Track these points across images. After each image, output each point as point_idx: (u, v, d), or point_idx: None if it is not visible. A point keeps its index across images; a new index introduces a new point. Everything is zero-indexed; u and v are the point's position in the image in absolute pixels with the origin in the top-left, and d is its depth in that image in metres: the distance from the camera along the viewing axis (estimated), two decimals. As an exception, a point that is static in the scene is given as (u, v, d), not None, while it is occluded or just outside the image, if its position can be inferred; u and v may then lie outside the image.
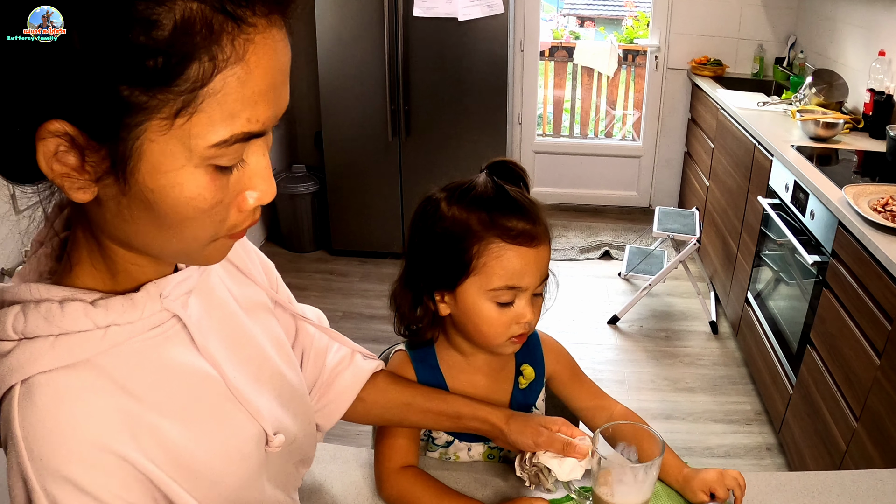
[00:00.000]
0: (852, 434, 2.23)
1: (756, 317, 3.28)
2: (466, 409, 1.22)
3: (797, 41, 4.68)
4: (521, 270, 1.16)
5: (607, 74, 5.82)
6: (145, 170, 0.66)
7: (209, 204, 0.70)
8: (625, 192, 5.56)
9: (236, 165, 0.71)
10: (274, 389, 1.02)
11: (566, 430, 1.17)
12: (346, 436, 2.94)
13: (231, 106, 0.65)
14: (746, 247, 3.49)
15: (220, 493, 0.88)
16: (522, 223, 1.15)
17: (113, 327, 0.77)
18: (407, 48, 4.16)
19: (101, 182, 0.67)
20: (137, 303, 0.80)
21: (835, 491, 1.28)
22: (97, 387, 0.76)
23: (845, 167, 2.90)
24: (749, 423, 3.15)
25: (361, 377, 1.25)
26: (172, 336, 0.85)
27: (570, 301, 4.15)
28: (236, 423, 0.91)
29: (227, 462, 0.89)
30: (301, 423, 1.09)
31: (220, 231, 0.75)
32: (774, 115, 3.68)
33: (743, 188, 3.57)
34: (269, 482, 1.02)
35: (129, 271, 0.80)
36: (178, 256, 0.80)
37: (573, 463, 1.15)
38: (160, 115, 0.63)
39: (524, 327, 1.20)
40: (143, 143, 0.64)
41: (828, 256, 2.46)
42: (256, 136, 0.69)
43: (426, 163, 4.40)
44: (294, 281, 4.40)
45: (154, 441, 0.79)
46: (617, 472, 1.12)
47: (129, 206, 0.69)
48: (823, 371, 2.45)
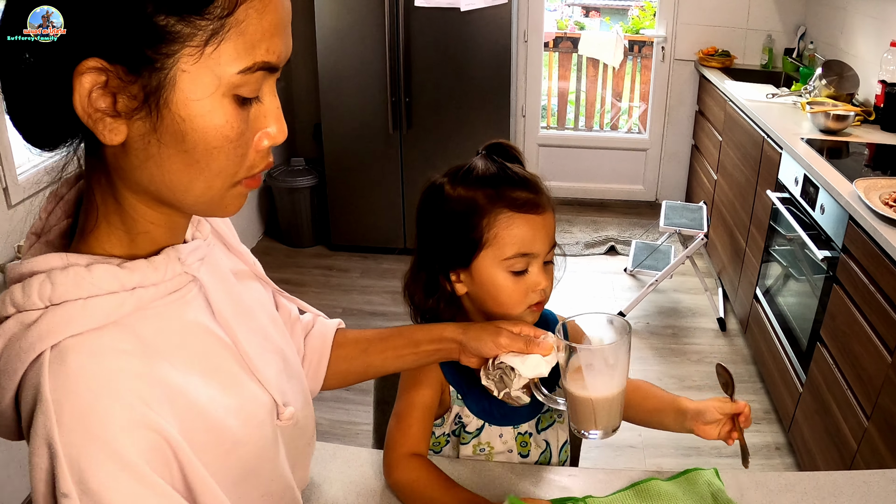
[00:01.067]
0: (863, 433, 2.23)
1: (765, 313, 3.28)
2: (422, 334, 1.24)
3: (807, 31, 4.67)
4: (531, 237, 1.23)
5: (613, 66, 5.81)
6: (178, 99, 0.72)
7: (235, 132, 0.77)
8: (631, 185, 5.56)
9: (254, 102, 0.79)
10: (279, 361, 1.06)
11: (528, 330, 1.19)
12: (346, 435, 2.94)
13: (251, 36, 0.74)
14: (755, 242, 3.48)
15: (238, 460, 0.90)
16: (526, 193, 1.24)
17: (139, 289, 0.81)
18: (408, 38, 4.16)
19: (133, 119, 0.73)
20: (159, 265, 0.84)
21: (846, 491, 1.28)
22: (127, 348, 0.79)
23: (856, 160, 2.89)
24: (758, 422, 3.15)
25: (328, 333, 1.31)
26: (191, 300, 0.89)
27: (576, 297, 4.14)
28: (250, 389, 0.95)
29: (244, 425, 0.91)
30: (301, 399, 1.12)
31: (241, 170, 0.81)
32: (784, 107, 3.67)
33: (751, 182, 3.57)
34: (286, 460, 1.04)
35: (148, 232, 0.84)
36: (199, 203, 0.83)
37: (537, 359, 1.15)
38: (192, 43, 0.71)
39: (540, 294, 1.26)
40: (177, 73, 0.71)
41: (838, 252, 2.46)
42: (272, 70, 0.78)
43: (427, 156, 4.39)
44: (292, 277, 4.41)
45: (181, 402, 0.82)
46: (585, 358, 1.11)
47: (159, 142, 0.74)
48: (834, 369, 2.45)
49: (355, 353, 1.30)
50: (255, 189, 0.86)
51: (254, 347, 0.98)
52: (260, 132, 0.81)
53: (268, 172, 4.63)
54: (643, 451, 2.93)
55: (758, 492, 1.28)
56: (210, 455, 0.85)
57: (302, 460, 1.18)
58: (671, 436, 3.02)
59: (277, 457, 1.01)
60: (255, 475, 0.95)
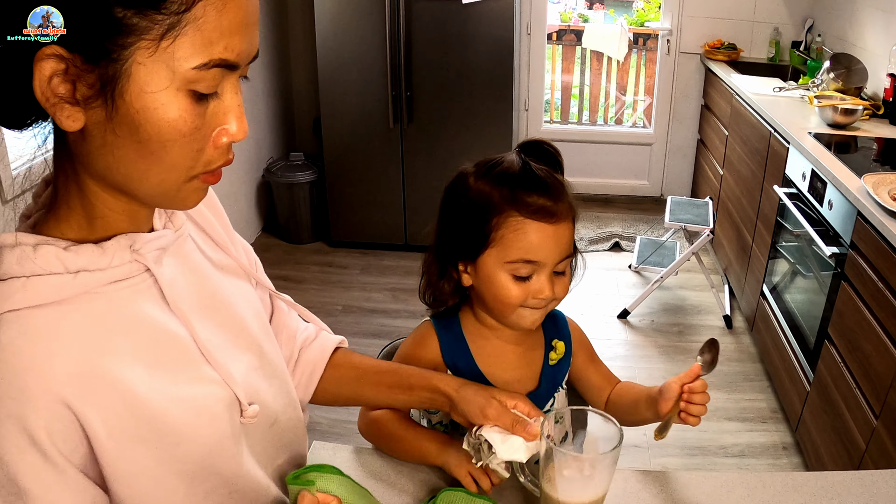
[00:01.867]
0: (872, 432, 2.22)
1: (772, 311, 3.28)
2: (417, 379, 1.25)
3: (815, 24, 4.66)
4: (537, 245, 1.21)
5: (617, 59, 5.81)
6: (132, 90, 0.75)
7: (189, 128, 0.79)
8: (635, 181, 5.56)
9: (213, 98, 0.80)
10: (253, 359, 1.06)
11: (522, 408, 1.16)
12: (346, 434, 2.94)
13: (209, 33, 0.75)
14: (762, 238, 3.48)
15: (188, 454, 0.91)
16: (543, 199, 1.21)
17: (83, 273, 0.84)
18: (409, 31, 4.15)
19: (90, 108, 0.76)
20: (107, 250, 0.86)
21: (854, 492, 1.28)
22: (63, 329, 0.82)
23: (865, 155, 2.89)
24: (764, 421, 3.15)
25: (329, 347, 1.32)
26: (144, 290, 0.91)
27: (579, 295, 4.12)
28: (205, 382, 0.95)
29: (194, 418, 0.92)
30: (283, 401, 1.12)
31: (197, 165, 0.83)
32: (791, 101, 3.67)
33: (758, 177, 3.56)
34: (252, 459, 1.04)
35: (106, 218, 0.87)
36: (155, 195, 0.85)
37: (519, 443, 1.11)
38: (148, 36, 0.73)
39: (540, 303, 1.25)
40: (132, 64, 0.74)
41: (846, 248, 2.46)
42: (232, 68, 0.80)
43: (428, 150, 4.39)
44: (291, 273, 4.41)
45: (116, 390, 0.84)
46: (559, 463, 1.08)
47: (115, 131, 0.77)
48: (842, 367, 2.45)
49: (350, 378, 1.31)
50: (215, 184, 0.89)
51: (218, 341, 0.99)
52: (219, 128, 0.83)
53: (266, 167, 4.63)
54: (648, 451, 2.94)
55: (765, 492, 1.28)
56: (151, 445, 0.87)
57: (288, 463, 1.17)
58: (676, 435, 3.03)
59: (240, 454, 1.00)
60: (214, 472, 0.96)
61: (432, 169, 4.37)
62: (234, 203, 4.45)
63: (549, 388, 1.39)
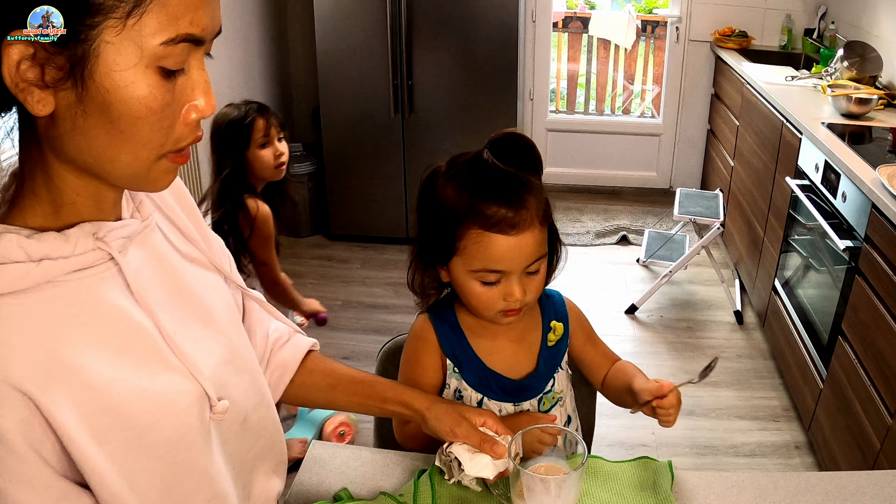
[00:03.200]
0: (887, 431, 2.22)
1: (784, 306, 3.28)
2: (390, 393, 1.29)
3: (828, 11, 4.65)
4: (499, 256, 1.25)
5: (625, 47, 5.79)
6: (101, 70, 0.77)
7: (159, 104, 0.81)
8: (644, 172, 5.55)
9: (180, 74, 0.83)
10: (224, 352, 1.07)
11: (491, 426, 1.22)
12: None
13: (174, 8, 0.78)
14: (773, 231, 3.48)
15: (153, 447, 0.92)
16: (504, 210, 1.23)
17: (46, 261, 0.85)
18: (410, 19, 4.14)
19: (60, 91, 0.78)
20: (70, 238, 0.87)
21: (868, 492, 1.28)
22: (25, 318, 0.83)
23: (879, 146, 2.88)
24: (776, 419, 3.15)
25: (301, 349, 1.34)
26: (108, 279, 0.92)
27: (586, 289, 4.14)
28: (171, 375, 0.95)
29: (158, 410, 0.92)
30: (254, 398, 1.13)
31: (167, 142, 0.85)
32: (803, 90, 3.66)
33: (770, 168, 3.56)
34: (224, 459, 1.05)
35: (73, 205, 0.88)
36: (126, 176, 0.87)
37: (486, 461, 1.17)
38: (115, 15, 0.75)
39: (513, 304, 1.29)
40: (100, 44, 0.76)
41: (861, 241, 2.45)
42: (198, 43, 0.82)
43: (430, 141, 4.39)
44: (290, 267, 4.39)
45: (78, 380, 0.85)
46: (527, 482, 1.13)
47: (84, 113, 0.79)
48: (856, 364, 2.45)
49: (323, 386, 1.34)
50: (183, 164, 0.91)
51: (187, 334, 1.00)
52: (188, 105, 0.85)
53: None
54: (657, 450, 2.94)
55: (777, 493, 1.28)
56: (117, 438, 0.88)
57: (263, 467, 1.18)
58: (685, 434, 3.04)
59: (209, 451, 1.00)
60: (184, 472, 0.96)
61: (434, 160, 4.35)
62: (231, 195, 4.43)
63: (547, 369, 1.43)
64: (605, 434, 2.96)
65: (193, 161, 3.90)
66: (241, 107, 2.42)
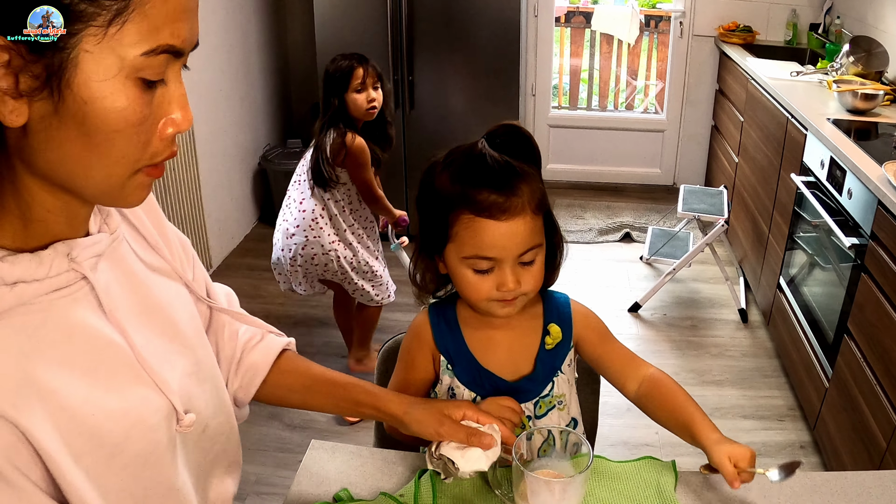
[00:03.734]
0: (893, 431, 2.22)
1: (789, 304, 3.28)
2: (365, 398, 1.30)
3: (833, 6, 4.64)
4: (490, 243, 1.25)
5: (628, 42, 5.78)
6: (80, 80, 0.75)
7: (138, 117, 0.79)
8: (647, 169, 5.55)
9: (160, 85, 0.81)
10: (188, 364, 1.07)
11: (471, 416, 1.23)
12: (345, 433, 2.94)
13: (155, 18, 0.76)
14: (778, 228, 3.47)
15: (124, 465, 0.91)
16: (494, 196, 1.24)
17: (20, 284, 0.83)
18: (411, 14, 4.14)
19: (34, 101, 0.75)
20: (44, 260, 0.86)
21: (874, 492, 1.28)
22: (1, 343, 0.81)
23: (885, 142, 2.88)
24: (781, 419, 3.15)
25: (273, 350, 1.33)
26: (80, 298, 0.90)
27: (588, 287, 4.14)
28: (142, 392, 0.95)
29: (129, 427, 0.92)
30: (214, 405, 1.13)
31: (143, 157, 0.83)
32: (809, 85, 3.66)
33: (775, 165, 3.55)
34: (186, 470, 1.05)
35: (44, 220, 0.86)
36: (100, 192, 0.85)
37: (478, 454, 1.17)
38: (95, 23, 0.73)
39: (506, 294, 1.29)
40: (79, 53, 0.74)
41: (866, 239, 2.45)
42: (177, 55, 0.81)
43: (431, 138, 4.38)
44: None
45: (52, 402, 0.84)
46: (531, 484, 1.13)
47: (60, 125, 0.77)
48: (862, 363, 2.45)
49: (297, 387, 1.33)
50: (158, 178, 0.90)
51: (154, 349, 0.99)
52: (164, 119, 0.83)
53: (263, 155, 4.62)
54: (661, 451, 2.94)
55: (782, 493, 1.28)
56: (90, 458, 0.87)
57: (217, 470, 1.18)
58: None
59: (175, 465, 1.01)
60: (152, 487, 0.96)
61: (435, 154, 4.35)
62: (229, 192, 4.45)
63: (545, 373, 1.42)
64: (608, 434, 2.96)
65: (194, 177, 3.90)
66: (348, 57, 2.97)
